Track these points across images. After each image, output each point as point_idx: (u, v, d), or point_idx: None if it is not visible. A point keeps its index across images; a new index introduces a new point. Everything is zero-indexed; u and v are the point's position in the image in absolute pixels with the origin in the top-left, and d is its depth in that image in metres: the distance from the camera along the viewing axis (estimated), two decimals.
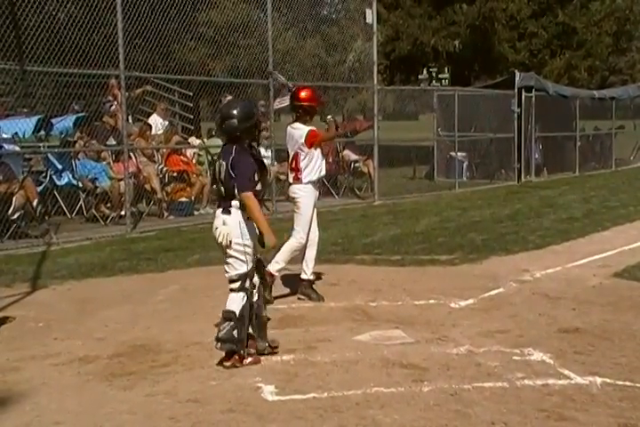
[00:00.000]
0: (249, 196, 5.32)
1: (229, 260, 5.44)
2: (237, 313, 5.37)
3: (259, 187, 5.51)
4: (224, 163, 5.42)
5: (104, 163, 12.76)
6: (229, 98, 15.60)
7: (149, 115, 15.27)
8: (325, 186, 16.34)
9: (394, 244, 10.53)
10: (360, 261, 9.33)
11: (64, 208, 12.32)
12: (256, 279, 5.53)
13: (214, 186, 5.71)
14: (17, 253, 9.87)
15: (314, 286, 7.59)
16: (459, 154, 19.44)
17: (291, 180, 7.48)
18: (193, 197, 13.71)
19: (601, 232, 11.56)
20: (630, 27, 29.64)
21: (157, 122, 14.47)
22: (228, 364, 5.39)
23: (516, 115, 20.03)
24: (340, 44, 17.93)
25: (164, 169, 13.68)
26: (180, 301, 7.46)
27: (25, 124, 12.25)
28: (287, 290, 7.74)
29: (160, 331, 6.36)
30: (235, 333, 5.34)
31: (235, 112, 5.45)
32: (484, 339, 6.12)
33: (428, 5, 25.28)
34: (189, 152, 14.63)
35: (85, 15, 11.33)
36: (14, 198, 10.58)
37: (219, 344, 5.38)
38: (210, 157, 15.28)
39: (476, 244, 10.52)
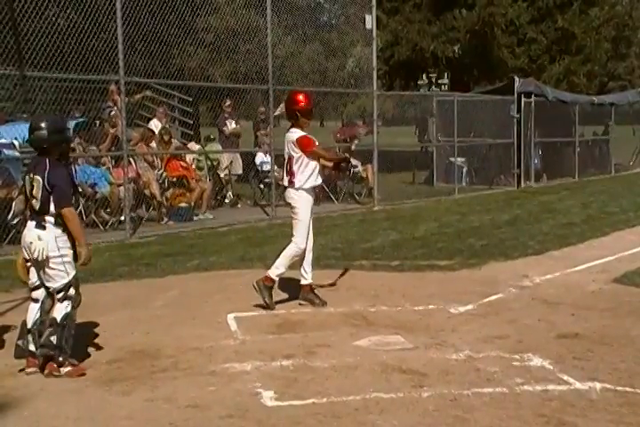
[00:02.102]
0: (70, 210, 5.42)
1: (50, 272, 5.52)
2: (59, 320, 5.43)
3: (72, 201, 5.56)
4: (38, 178, 5.41)
5: (103, 168, 12.77)
6: (228, 103, 15.69)
7: (149, 120, 15.28)
8: (325, 191, 16.39)
9: (393, 249, 10.53)
10: (359, 267, 9.31)
11: None
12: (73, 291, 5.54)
13: (27, 201, 5.61)
14: (16, 259, 9.83)
15: (315, 291, 7.58)
16: (458, 159, 19.45)
17: (285, 183, 7.55)
18: (192, 203, 13.72)
19: (600, 238, 11.55)
20: (629, 32, 29.73)
21: (157, 126, 14.48)
22: (45, 371, 5.39)
23: (515, 120, 20.05)
24: (340, 49, 17.93)
25: (164, 174, 13.69)
26: (180, 306, 7.46)
27: (25, 130, 12.17)
28: (287, 295, 7.74)
29: (159, 336, 6.35)
30: (53, 338, 5.40)
31: (44, 124, 5.46)
32: (483, 344, 6.12)
33: (428, 11, 25.28)
34: (189, 157, 14.65)
35: (85, 20, 11.33)
36: (14, 203, 10.57)
37: (38, 350, 5.44)
38: (209, 163, 15.33)
39: (476, 249, 10.52)
